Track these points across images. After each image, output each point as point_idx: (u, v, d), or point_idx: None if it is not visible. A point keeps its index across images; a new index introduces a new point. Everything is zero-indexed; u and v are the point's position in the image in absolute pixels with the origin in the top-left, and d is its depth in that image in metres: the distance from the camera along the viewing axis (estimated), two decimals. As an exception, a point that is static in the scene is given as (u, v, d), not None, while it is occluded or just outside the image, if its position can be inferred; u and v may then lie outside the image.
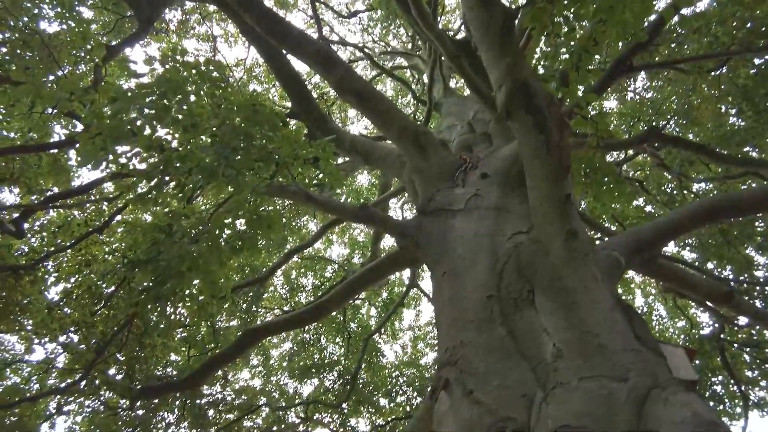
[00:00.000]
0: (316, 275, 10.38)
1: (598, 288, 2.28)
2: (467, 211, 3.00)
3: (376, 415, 9.66)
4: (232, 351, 4.98)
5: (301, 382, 10.15)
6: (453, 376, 2.09)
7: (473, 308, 2.39)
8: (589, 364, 1.91)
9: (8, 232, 4.89)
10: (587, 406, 1.74)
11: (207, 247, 3.05)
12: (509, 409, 1.85)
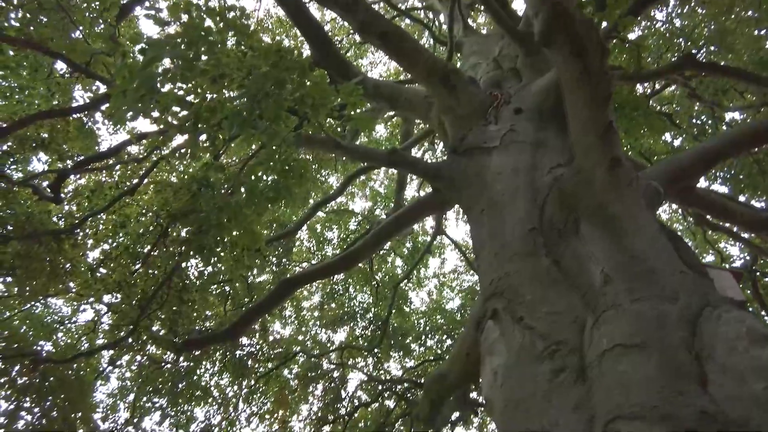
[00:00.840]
0: (341, 228, 10.49)
1: (644, 214, 2.26)
2: (503, 147, 2.96)
3: (407, 358, 10.01)
4: (269, 301, 5.12)
5: (332, 331, 10.50)
6: (501, 306, 2.13)
7: (516, 241, 2.40)
8: (638, 287, 1.92)
9: (46, 198, 5.02)
10: (640, 325, 1.76)
11: (244, 198, 3.09)
12: (561, 333, 1.88)
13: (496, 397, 1.94)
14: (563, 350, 1.82)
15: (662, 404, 1.49)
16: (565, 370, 1.76)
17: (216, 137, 3.10)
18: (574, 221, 2.33)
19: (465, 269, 11.66)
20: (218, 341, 5.98)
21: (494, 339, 2.09)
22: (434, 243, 9.61)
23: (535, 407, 1.72)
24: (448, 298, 11.63)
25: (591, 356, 1.76)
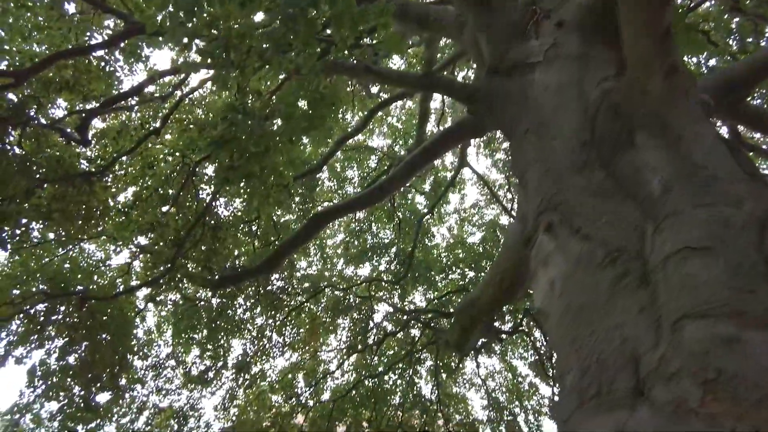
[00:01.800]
0: (361, 166, 10.45)
1: (702, 123, 2.18)
2: (547, 63, 2.84)
3: (430, 290, 10.25)
4: (300, 236, 5.19)
5: (357, 267, 10.74)
6: (557, 219, 2.12)
7: (567, 157, 2.35)
8: (700, 193, 1.88)
9: (74, 140, 5.03)
10: (705, 229, 1.74)
11: (281, 125, 3.05)
12: (621, 241, 1.88)
13: (553, 307, 1.97)
14: (624, 257, 1.82)
15: (732, 302, 1.50)
16: (628, 275, 1.77)
17: (245, 65, 3.02)
18: (628, 133, 2.26)
19: (486, 203, 11.66)
20: (254, 275, 6.16)
21: (550, 251, 2.09)
22: (456, 177, 9.55)
23: (598, 312, 1.74)
24: (469, 232, 11.72)
25: (654, 261, 1.76)
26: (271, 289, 7.80)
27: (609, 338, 1.63)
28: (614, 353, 1.58)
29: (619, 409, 1.46)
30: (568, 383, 1.72)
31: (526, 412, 10.83)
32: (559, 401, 1.85)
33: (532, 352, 11.25)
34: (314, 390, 9.42)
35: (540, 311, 2.13)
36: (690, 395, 1.36)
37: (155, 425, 8.92)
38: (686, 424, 1.34)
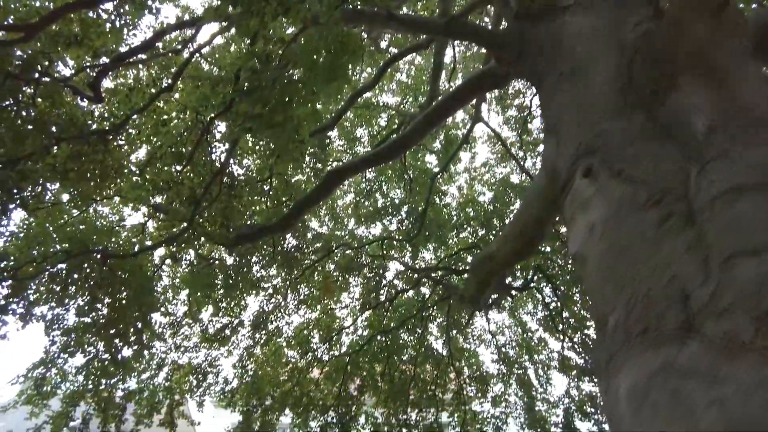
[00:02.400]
0: (369, 123, 10.31)
1: (750, 63, 2.11)
2: (579, 6, 2.74)
3: (441, 248, 10.33)
4: (317, 192, 5.18)
5: (368, 226, 10.79)
6: (597, 162, 2.09)
7: (604, 101, 2.29)
8: (747, 135, 1.84)
9: (87, 98, 4.96)
10: (753, 169, 1.71)
11: (303, 74, 2.98)
12: (665, 182, 1.85)
13: (593, 250, 1.96)
14: (669, 198, 1.80)
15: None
16: (673, 216, 1.75)
17: (263, 13, 2.93)
18: (669, 75, 2.19)
19: (497, 162, 11.56)
20: (270, 233, 6.20)
21: (589, 196, 2.07)
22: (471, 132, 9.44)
23: (643, 252, 1.73)
24: (480, 192, 11.68)
25: (700, 202, 1.74)
26: (285, 247, 7.87)
27: (656, 276, 1.63)
28: (662, 290, 1.59)
29: (669, 344, 1.47)
30: (611, 323, 1.73)
31: (536, 366, 11.10)
32: (600, 343, 1.87)
33: (542, 308, 11.44)
34: (329, 346, 9.65)
35: (577, 256, 2.13)
36: (742, 330, 1.37)
37: (175, 381, 9.22)
38: (738, 357, 1.35)
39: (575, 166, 2.24)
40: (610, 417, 1.70)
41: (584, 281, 2.09)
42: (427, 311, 10.20)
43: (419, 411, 10.01)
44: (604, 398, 1.79)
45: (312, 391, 9.19)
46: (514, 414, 10.74)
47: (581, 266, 2.10)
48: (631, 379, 1.54)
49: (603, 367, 1.78)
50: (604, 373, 1.77)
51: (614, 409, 1.65)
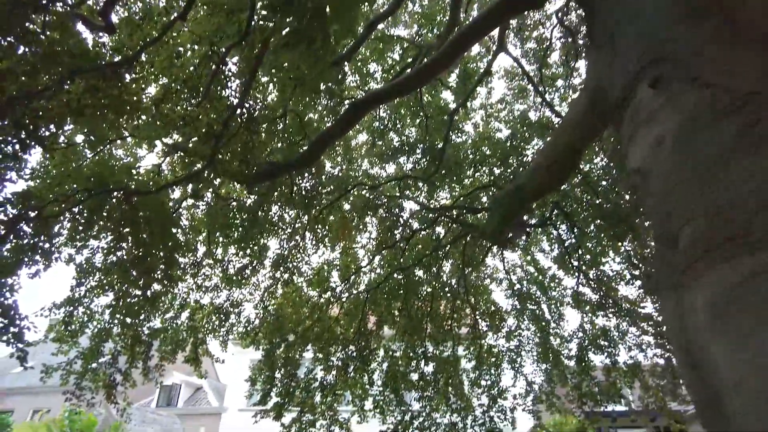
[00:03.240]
0: (383, 57, 9.90)
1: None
2: None
3: (458, 187, 10.23)
4: (339, 126, 5.03)
5: (382, 167, 10.66)
6: (667, 70, 1.94)
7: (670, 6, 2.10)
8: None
9: (98, 28, 4.73)
10: None
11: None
12: (749, 86, 1.71)
13: (661, 163, 1.86)
14: (753, 104, 1.67)
15: None
16: (759, 123, 1.63)
17: None
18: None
19: (514, 98, 11.21)
20: (291, 169, 6.11)
21: (657, 107, 1.94)
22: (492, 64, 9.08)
23: (724, 161, 1.63)
24: (496, 129, 11.40)
25: (790, 106, 1.62)
26: (302, 186, 7.80)
27: (740, 185, 1.54)
28: (748, 198, 1.50)
29: (759, 251, 1.40)
30: (686, 235, 1.66)
31: (549, 303, 11.28)
32: (665, 258, 1.81)
33: (556, 246, 11.47)
34: (348, 284, 9.80)
35: (639, 171, 2.03)
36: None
37: (198, 320, 9.46)
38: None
39: (639, 77, 2.08)
40: (681, 331, 1.66)
41: (646, 197, 2.00)
42: (443, 250, 10.26)
43: (436, 344, 10.31)
44: (669, 314, 1.75)
45: (332, 327, 9.44)
46: (528, 347, 11.03)
47: (643, 181, 2.00)
48: (712, 288, 1.49)
49: (672, 281, 1.73)
50: (673, 288, 1.71)
51: (687, 322, 1.61)
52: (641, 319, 10.06)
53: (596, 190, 9.08)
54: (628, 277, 10.38)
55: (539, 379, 10.83)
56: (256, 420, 9.02)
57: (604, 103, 2.96)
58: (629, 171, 2.16)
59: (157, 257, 5.71)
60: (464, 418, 10.41)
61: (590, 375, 9.97)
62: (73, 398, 7.97)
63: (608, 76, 2.57)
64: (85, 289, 7.81)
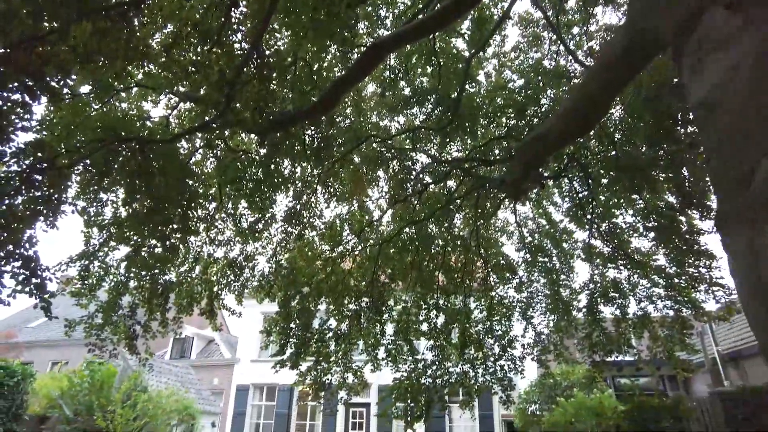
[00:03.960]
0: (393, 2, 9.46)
1: None
2: None
3: (471, 139, 10.01)
4: (357, 69, 4.84)
5: (392, 119, 10.41)
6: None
7: None
8: None
9: (101, -35, 4.46)
10: None
11: None
12: None
13: (734, 93, 1.72)
14: None
15: None
16: None
17: None
18: None
19: (529, 46, 10.79)
20: (307, 117, 5.94)
21: (731, 30, 1.78)
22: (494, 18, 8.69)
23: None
24: (509, 79, 11.04)
25: None
26: (315, 137, 7.63)
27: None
28: None
29: None
30: (766, 169, 1.55)
31: (560, 255, 11.28)
32: (736, 196, 1.70)
33: (568, 199, 11.36)
34: (360, 238, 9.79)
35: (705, 103, 1.89)
36: None
37: (212, 274, 9.53)
38: None
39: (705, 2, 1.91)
40: (754, 268, 1.58)
41: (711, 131, 1.87)
42: (455, 203, 10.18)
43: (447, 296, 10.41)
44: (740, 250, 1.67)
45: (345, 280, 9.50)
46: (538, 299, 11.14)
47: (709, 114, 1.87)
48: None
49: (746, 217, 1.63)
50: (747, 224, 1.62)
51: (763, 259, 1.53)
52: (653, 271, 10.07)
53: (614, 141, 8.87)
54: (641, 230, 10.32)
55: (548, 330, 11.00)
56: (276, 370, 9.24)
57: (647, 41, 2.79)
58: (692, 104, 2.02)
59: (174, 208, 5.64)
60: (475, 367, 10.65)
61: (600, 326, 10.10)
62: (96, 350, 8.14)
63: (657, 6, 2.38)
64: (99, 243, 7.82)
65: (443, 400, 10.67)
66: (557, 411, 10.48)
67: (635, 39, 2.95)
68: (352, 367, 9.94)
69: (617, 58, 3.34)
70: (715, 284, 8.79)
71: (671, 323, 9.82)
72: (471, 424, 21.83)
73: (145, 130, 6.96)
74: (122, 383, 15.09)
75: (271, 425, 23.75)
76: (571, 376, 13.39)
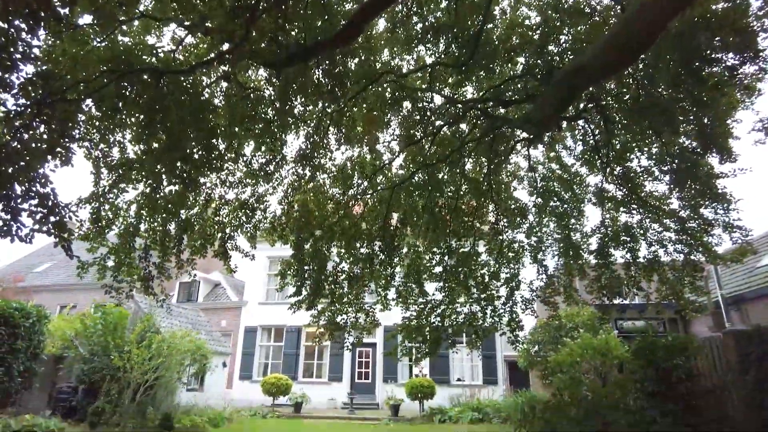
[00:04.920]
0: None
1: None
2: None
3: (487, 79, 9.64)
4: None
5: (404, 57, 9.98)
6: None
7: None
8: None
9: None
10: None
11: None
12: None
13: None
14: None
15: None
16: None
17: None
18: None
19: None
20: (325, 49, 5.64)
21: None
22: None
23: None
24: (525, 15, 10.50)
25: None
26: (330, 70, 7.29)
27: None
28: None
29: None
30: None
31: (571, 199, 11.18)
32: None
33: (581, 143, 11.13)
34: (371, 182, 9.64)
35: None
36: None
37: (224, 215, 9.44)
38: None
39: None
40: None
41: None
42: (468, 146, 9.97)
43: (458, 240, 10.41)
44: None
45: (357, 223, 9.44)
46: (548, 243, 11.16)
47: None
48: None
49: None
50: None
51: None
52: (665, 215, 10.02)
53: (637, 80, 8.55)
54: (656, 174, 10.18)
55: (558, 273, 11.09)
56: (293, 311, 9.36)
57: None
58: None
59: (192, 143, 5.43)
60: (484, 308, 10.82)
61: (610, 268, 10.16)
62: (113, 292, 8.18)
63: None
64: (109, 184, 7.67)
65: (452, 340, 10.93)
66: (563, 351, 10.76)
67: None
68: (364, 308, 10.08)
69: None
70: (733, 227, 8.76)
71: (681, 267, 9.89)
72: (474, 364, 22.61)
73: (157, 62, 6.65)
74: (135, 325, 15.42)
75: (280, 364, 24.58)
76: (576, 318, 13.67)
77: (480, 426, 15.76)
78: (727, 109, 8.63)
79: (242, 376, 24.77)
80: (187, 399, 16.04)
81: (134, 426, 13.47)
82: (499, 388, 21.36)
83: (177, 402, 15.20)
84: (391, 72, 8.24)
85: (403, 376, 22.89)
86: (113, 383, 14.24)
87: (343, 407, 22.24)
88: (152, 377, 14.44)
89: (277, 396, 21.35)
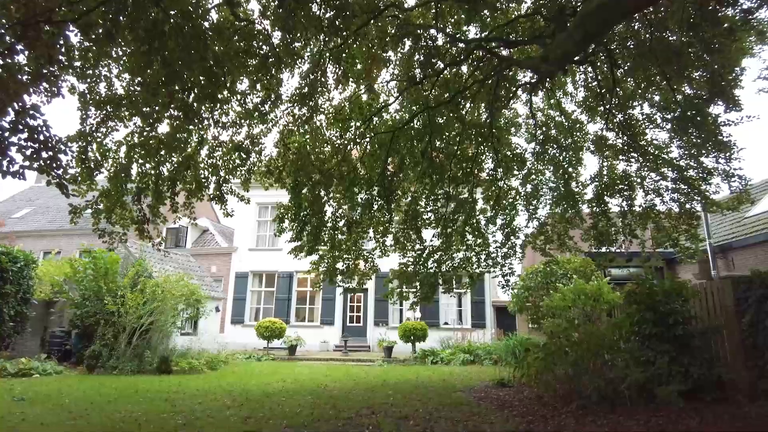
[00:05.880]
0: None
1: None
2: None
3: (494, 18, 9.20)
4: None
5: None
6: None
7: None
8: None
9: None
10: None
11: None
12: None
13: None
14: None
15: None
16: None
17: None
18: None
19: None
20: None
21: None
22: None
23: None
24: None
25: None
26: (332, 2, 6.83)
27: None
28: None
29: None
30: None
31: (570, 147, 11.05)
32: None
33: (582, 89, 10.87)
34: (370, 124, 9.35)
35: None
36: None
37: (218, 158, 9.12)
38: None
39: None
40: None
41: None
42: (471, 89, 9.65)
43: (456, 186, 10.29)
44: None
45: (356, 167, 9.23)
46: (545, 190, 11.11)
47: None
48: None
49: None
50: None
51: None
52: (664, 164, 9.98)
53: (651, 22, 8.21)
54: (658, 121, 10.03)
55: (553, 221, 11.13)
56: (297, 257, 9.28)
57: None
58: None
59: (193, 73, 5.07)
60: (478, 253, 10.88)
61: (607, 216, 10.21)
62: (106, 236, 7.96)
63: None
64: (96, 122, 7.29)
65: (449, 284, 11.04)
66: (556, 296, 10.97)
67: None
68: (363, 254, 10.05)
69: None
70: (732, 175, 8.76)
71: (678, 215, 9.96)
72: (463, 308, 23.20)
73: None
74: (127, 269, 15.29)
75: (272, 309, 24.92)
76: (568, 265, 13.90)
77: (472, 366, 16.31)
78: (737, 56, 8.42)
79: (234, 321, 25.11)
80: (182, 343, 16.23)
81: (132, 369, 13.63)
82: (488, 331, 22.04)
83: (172, 346, 15.36)
84: (394, 5, 7.74)
85: (394, 319, 23.43)
86: (108, 327, 14.27)
87: (335, 349, 22.81)
88: (147, 321, 14.50)
89: (272, 339, 21.77)
